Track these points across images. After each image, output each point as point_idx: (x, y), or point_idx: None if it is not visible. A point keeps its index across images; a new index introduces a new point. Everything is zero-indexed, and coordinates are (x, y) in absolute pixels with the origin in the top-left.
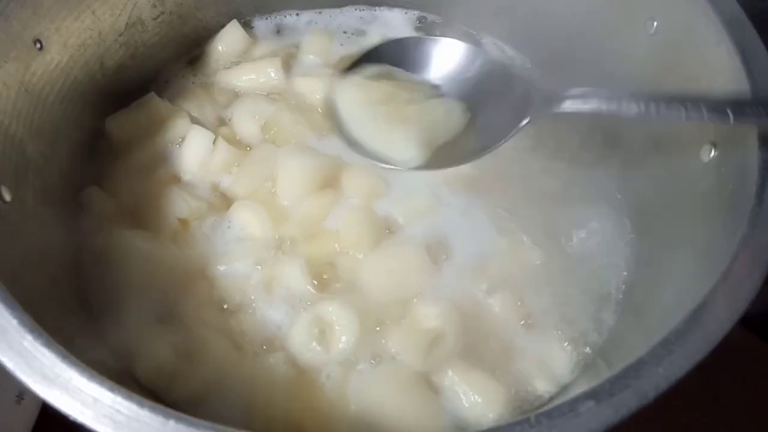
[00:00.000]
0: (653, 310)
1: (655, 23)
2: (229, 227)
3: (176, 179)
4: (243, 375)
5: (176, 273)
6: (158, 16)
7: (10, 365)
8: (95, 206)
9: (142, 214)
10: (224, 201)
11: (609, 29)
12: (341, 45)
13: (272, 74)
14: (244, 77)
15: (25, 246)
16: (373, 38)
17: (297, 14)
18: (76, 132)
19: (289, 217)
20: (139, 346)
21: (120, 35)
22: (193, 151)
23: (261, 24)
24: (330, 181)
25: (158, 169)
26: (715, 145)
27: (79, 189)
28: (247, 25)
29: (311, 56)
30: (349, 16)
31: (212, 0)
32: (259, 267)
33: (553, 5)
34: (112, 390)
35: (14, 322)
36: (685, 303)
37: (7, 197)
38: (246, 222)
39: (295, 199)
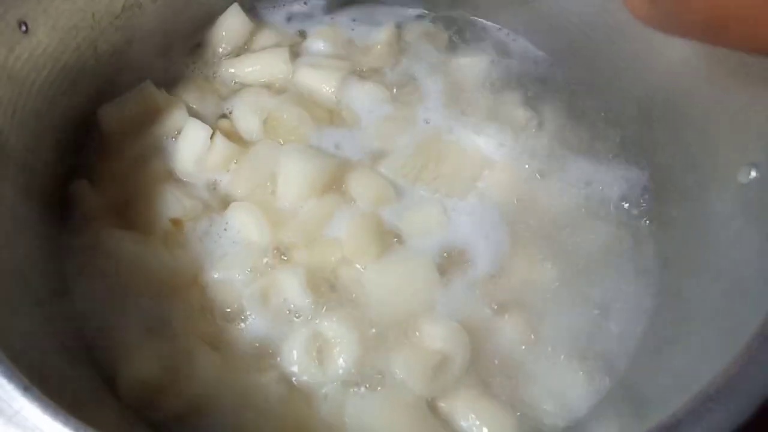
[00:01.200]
0: (679, 344)
1: None
2: (225, 230)
3: (170, 175)
4: (233, 393)
5: (167, 278)
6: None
7: None
8: (83, 201)
9: (133, 212)
10: (221, 201)
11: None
12: (352, 30)
13: (278, 65)
14: (248, 68)
15: (6, 251)
16: (385, 28)
17: (305, 2)
18: (63, 123)
19: (288, 221)
20: (122, 359)
21: (116, 18)
22: (189, 145)
23: (266, 9)
24: (334, 184)
25: (151, 164)
26: (756, 165)
27: (65, 185)
28: (252, 11)
29: (320, 46)
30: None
31: None
32: (255, 275)
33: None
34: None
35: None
36: (716, 343)
37: None
38: (243, 225)
39: (296, 202)
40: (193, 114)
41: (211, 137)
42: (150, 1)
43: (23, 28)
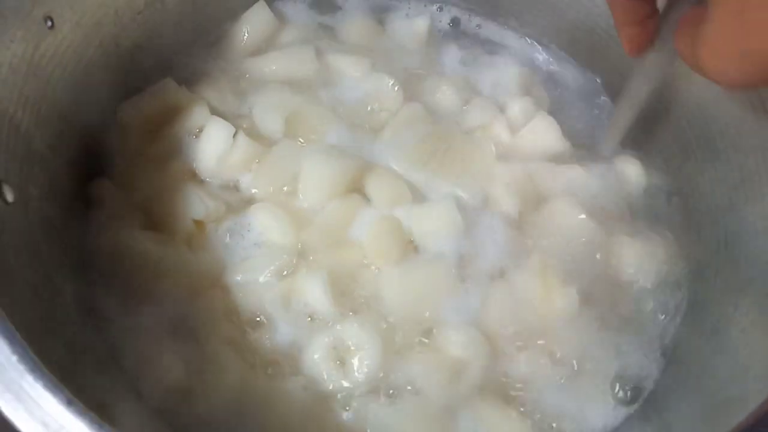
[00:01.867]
0: (707, 367)
1: None
2: (248, 231)
3: (192, 175)
4: (257, 399)
5: (190, 280)
6: None
7: (6, 410)
8: (104, 201)
9: (155, 212)
10: (242, 201)
11: None
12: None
13: (305, 63)
14: (273, 65)
15: (28, 255)
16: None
17: None
18: (85, 121)
19: (310, 222)
20: (148, 361)
21: (138, 14)
22: (212, 144)
23: (290, 5)
24: (355, 184)
25: (173, 163)
26: None
27: (88, 185)
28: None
29: (346, 41)
30: None
31: None
32: (278, 278)
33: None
34: None
35: (14, 358)
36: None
37: (10, 197)
38: (265, 227)
39: (318, 203)
40: (215, 112)
41: (234, 136)
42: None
43: (49, 23)
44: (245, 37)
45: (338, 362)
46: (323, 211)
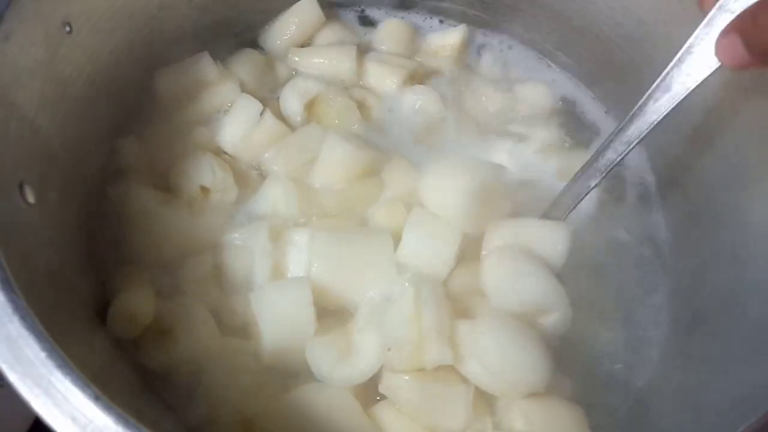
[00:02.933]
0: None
1: None
2: (255, 203)
3: (212, 146)
4: (223, 366)
5: (184, 240)
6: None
7: (36, 405)
8: (125, 156)
9: (169, 174)
10: (259, 178)
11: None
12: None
13: (345, 62)
14: (315, 59)
15: (48, 254)
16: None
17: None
18: (101, 125)
19: (318, 199)
20: (123, 292)
21: (152, 18)
22: (239, 119)
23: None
24: (370, 174)
25: (198, 133)
26: None
27: (104, 190)
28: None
29: (386, 45)
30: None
31: None
32: (272, 245)
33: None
34: None
35: (43, 354)
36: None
37: (31, 199)
38: (274, 199)
39: (330, 186)
40: (245, 90)
41: (261, 114)
42: (185, 2)
43: (67, 28)
44: (290, 29)
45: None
46: (334, 190)
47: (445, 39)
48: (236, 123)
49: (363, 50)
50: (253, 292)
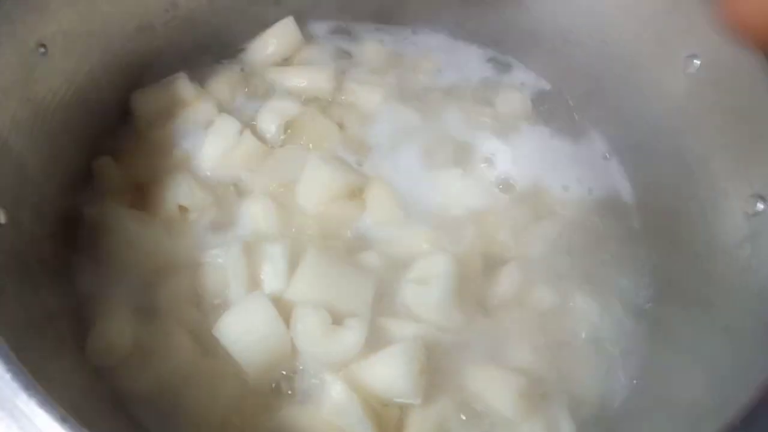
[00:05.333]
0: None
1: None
2: (233, 223)
3: (191, 166)
4: (205, 385)
5: (162, 260)
6: (169, 21)
7: (0, 428)
8: (103, 175)
9: (147, 192)
10: (236, 197)
11: (645, 62)
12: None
13: (322, 81)
14: (293, 79)
15: (19, 274)
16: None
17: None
18: (77, 146)
19: (300, 224)
20: (97, 321)
21: (129, 40)
22: (218, 138)
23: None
24: (352, 196)
25: (176, 151)
26: (763, 198)
27: (79, 209)
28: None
29: (366, 63)
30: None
31: (228, 6)
32: (245, 263)
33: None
34: None
35: (7, 376)
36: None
37: (2, 219)
38: (253, 217)
39: (313, 207)
40: (223, 110)
41: (240, 133)
42: (162, 24)
43: (42, 50)
44: (270, 48)
45: None
46: (317, 213)
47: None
48: (215, 142)
49: (343, 68)
50: (217, 323)
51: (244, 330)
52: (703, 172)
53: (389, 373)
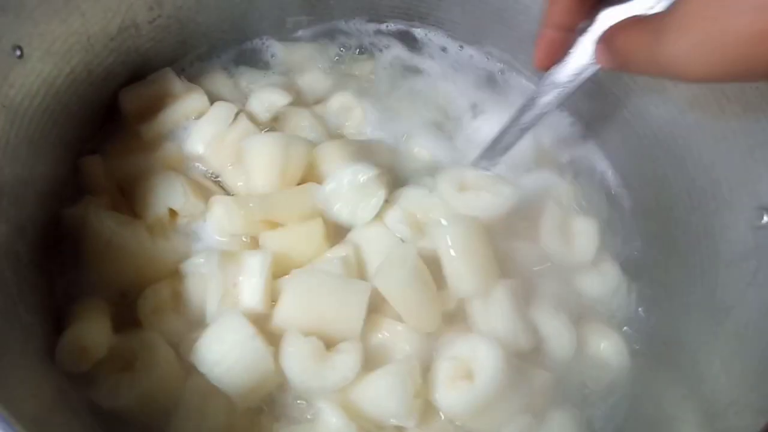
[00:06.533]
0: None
1: None
2: (204, 225)
3: (182, 161)
4: (191, 399)
5: (145, 266)
6: (154, 20)
7: None
8: (86, 175)
9: (135, 194)
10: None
11: None
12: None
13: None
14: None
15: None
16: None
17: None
18: (56, 151)
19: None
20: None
21: (111, 40)
22: (212, 121)
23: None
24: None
25: (165, 146)
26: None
27: (59, 219)
28: None
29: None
30: None
31: (215, 5)
32: (220, 276)
33: None
34: None
35: None
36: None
37: None
38: (219, 218)
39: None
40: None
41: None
42: (146, 23)
43: (18, 53)
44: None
45: None
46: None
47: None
48: (210, 124)
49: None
50: (192, 348)
51: (221, 354)
52: (707, 182)
53: (382, 395)
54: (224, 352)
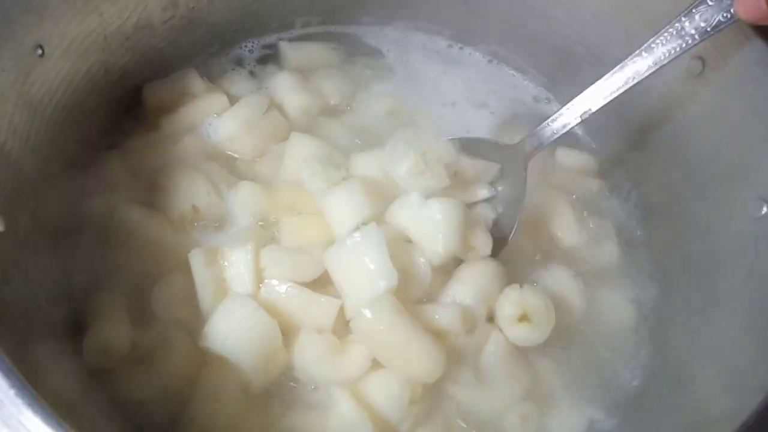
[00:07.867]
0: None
1: None
2: (227, 207)
3: (204, 152)
4: (207, 389)
5: (163, 259)
6: (168, 20)
7: None
8: (107, 170)
9: (158, 189)
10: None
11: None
12: None
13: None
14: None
15: (18, 283)
16: None
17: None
18: (75, 147)
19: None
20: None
21: (126, 39)
22: (244, 110)
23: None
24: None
25: (186, 140)
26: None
27: (77, 207)
28: None
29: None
30: None
31: (227, 5)
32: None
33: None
34: None
35: (11, 392)
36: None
37: (1, 227)
38: (243, 200)
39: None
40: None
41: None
42: (161, 23)
43: (39, 51)
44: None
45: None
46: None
47: None
48: (240, 114)
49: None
50: (203, 329)
51: (231, 329)
52: (707, 174)
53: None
54: (233, 328)
